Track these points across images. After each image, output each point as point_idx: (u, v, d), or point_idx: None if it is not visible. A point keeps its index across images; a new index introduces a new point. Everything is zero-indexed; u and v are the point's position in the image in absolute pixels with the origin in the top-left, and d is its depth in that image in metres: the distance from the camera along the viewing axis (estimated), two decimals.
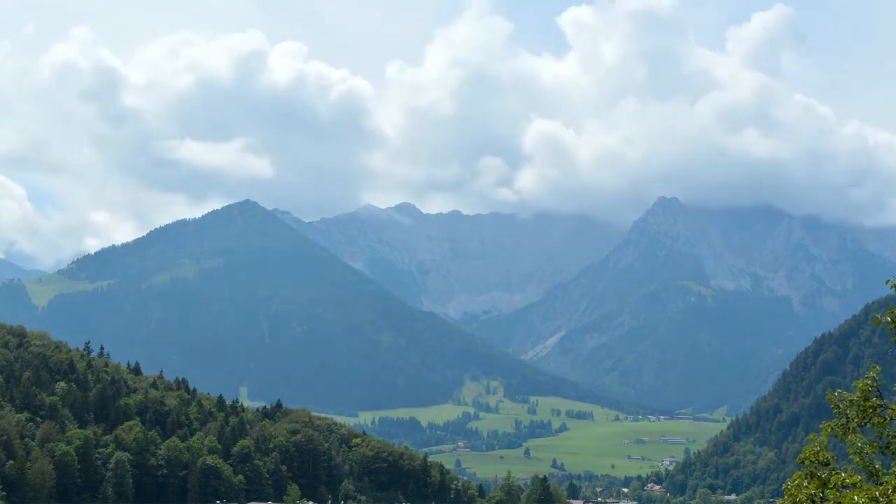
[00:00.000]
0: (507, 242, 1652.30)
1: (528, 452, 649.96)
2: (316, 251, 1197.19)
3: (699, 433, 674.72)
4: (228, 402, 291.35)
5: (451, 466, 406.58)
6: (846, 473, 26.33)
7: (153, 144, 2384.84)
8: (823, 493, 26.36)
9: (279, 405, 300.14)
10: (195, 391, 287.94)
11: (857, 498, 24.86)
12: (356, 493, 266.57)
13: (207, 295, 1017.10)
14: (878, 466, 26.36)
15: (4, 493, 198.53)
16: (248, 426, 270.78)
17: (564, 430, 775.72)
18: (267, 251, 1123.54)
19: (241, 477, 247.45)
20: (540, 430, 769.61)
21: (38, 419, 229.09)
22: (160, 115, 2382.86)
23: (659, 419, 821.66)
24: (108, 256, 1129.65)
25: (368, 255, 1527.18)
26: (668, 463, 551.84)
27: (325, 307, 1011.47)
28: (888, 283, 27.06)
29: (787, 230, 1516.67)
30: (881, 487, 25.23)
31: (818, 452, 26.99)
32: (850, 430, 26.53)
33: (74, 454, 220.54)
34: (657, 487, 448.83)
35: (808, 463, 27.12)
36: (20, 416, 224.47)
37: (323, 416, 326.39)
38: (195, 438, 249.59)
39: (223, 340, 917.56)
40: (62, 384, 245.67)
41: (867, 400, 26.44)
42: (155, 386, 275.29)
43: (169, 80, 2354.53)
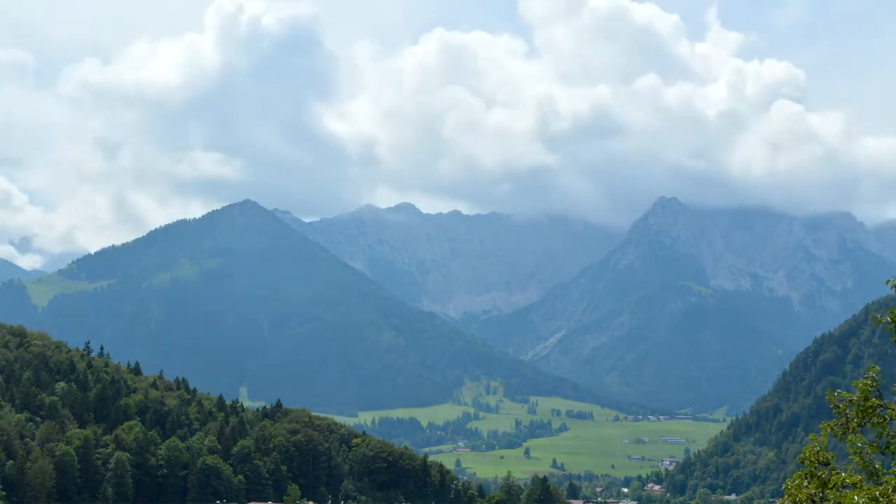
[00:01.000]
0: (507, 242, 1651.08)
1: (528, 452, 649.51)
2: (316, 251, 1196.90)
3: (699, 433, 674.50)
4: (228, 402, 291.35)
5: (451, 466, 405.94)
6: (846, 473, 26.32)
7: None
8: (823, 493, 26.35)
9: (279, 405, 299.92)
10: (195, 391, 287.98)
11: (857, 498, 24.83)
12: (356, 493, 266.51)
13: (207, 295, 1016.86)
14: (878, 466, 26.35)
15: (4, 493, 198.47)
16: (248, 426, 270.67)
17: (564, 430, 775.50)
18: (267, 251, 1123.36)
19: (241, 477, 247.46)
20: (540, 430, 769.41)
21: (38, 419, 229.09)
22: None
23: (659, 419, 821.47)
24: (108, 256, 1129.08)
25: (368, 255, 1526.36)
26: (668, 463, 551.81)
27: (325, 307, 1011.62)
28: (888, 283, 27.07)
29: (787, 230, 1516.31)
30: (881, 487, 25.21)
31: (818, 452, 26.98)
32: (849, 430, 26.53)
33: (74, 454, 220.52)
34: (657, 487, 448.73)
35: (807, 463, 27.11)
36: (20, 416, 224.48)
37: (323, 416, 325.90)
38: (195, 438, 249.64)
39: (223, 340, 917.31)
40: (62, 384, 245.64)
41: (867, 400, 26.43)
42: (155, 386, 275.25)
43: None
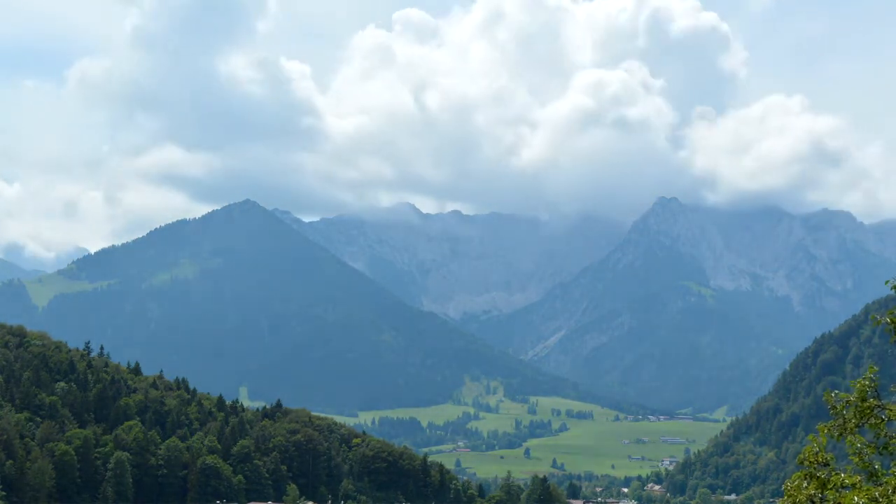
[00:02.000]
0: (507, 242, 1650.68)
1: (528, 452, 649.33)
2: (316, 251, 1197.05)
3: (699, 433, 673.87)
4: (228, 402, 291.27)
5: (451, 466, 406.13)
6: (845, 474, 26.29)
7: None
8: (823, 493, 26.32)
9: (279, 405, 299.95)
10: (195, 391, 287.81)
11: (856, 498, 24.81)
12: (356, 492, 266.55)
13: (207, 295, 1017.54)
14: (877, 467, 26.33)
15: (4, 493, 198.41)
16: (248, 426, 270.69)
17: (564, 430, 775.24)
18: (267, 251, 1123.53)
19: (240, 477, 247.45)
20: (540, 430, 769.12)
21: (37, 419, 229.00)
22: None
23: (659, 419, 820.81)
24: (108, 256, 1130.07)
25: (368, 255, 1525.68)
26: (668, 463, 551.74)
27: (325, 307, 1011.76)
28: (888, 283, 27.04)
29: (787, 230, 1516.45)
30: (881, 488, 25.19)
31: (818, 453, 26.95)
32: (847, 430, 26.49)
33: (74, 454, 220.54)
34: (657, 487, 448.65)
35: (807, 463, 27.08)
36: (20, 416, 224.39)
37: (323, 416, 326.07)
38: (195, 438, 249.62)
39: (223, 340, 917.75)
40: (62, 384, 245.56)
41: (864, 401, 26.39)
42: (155, 386, 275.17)
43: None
